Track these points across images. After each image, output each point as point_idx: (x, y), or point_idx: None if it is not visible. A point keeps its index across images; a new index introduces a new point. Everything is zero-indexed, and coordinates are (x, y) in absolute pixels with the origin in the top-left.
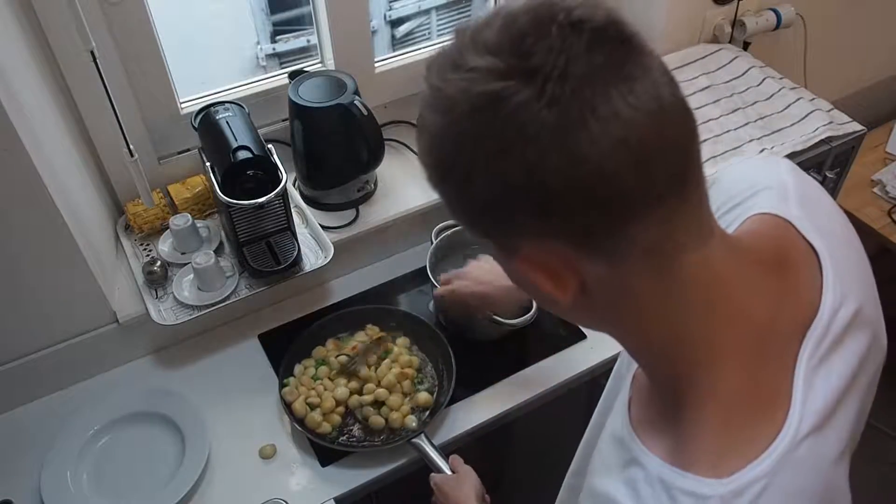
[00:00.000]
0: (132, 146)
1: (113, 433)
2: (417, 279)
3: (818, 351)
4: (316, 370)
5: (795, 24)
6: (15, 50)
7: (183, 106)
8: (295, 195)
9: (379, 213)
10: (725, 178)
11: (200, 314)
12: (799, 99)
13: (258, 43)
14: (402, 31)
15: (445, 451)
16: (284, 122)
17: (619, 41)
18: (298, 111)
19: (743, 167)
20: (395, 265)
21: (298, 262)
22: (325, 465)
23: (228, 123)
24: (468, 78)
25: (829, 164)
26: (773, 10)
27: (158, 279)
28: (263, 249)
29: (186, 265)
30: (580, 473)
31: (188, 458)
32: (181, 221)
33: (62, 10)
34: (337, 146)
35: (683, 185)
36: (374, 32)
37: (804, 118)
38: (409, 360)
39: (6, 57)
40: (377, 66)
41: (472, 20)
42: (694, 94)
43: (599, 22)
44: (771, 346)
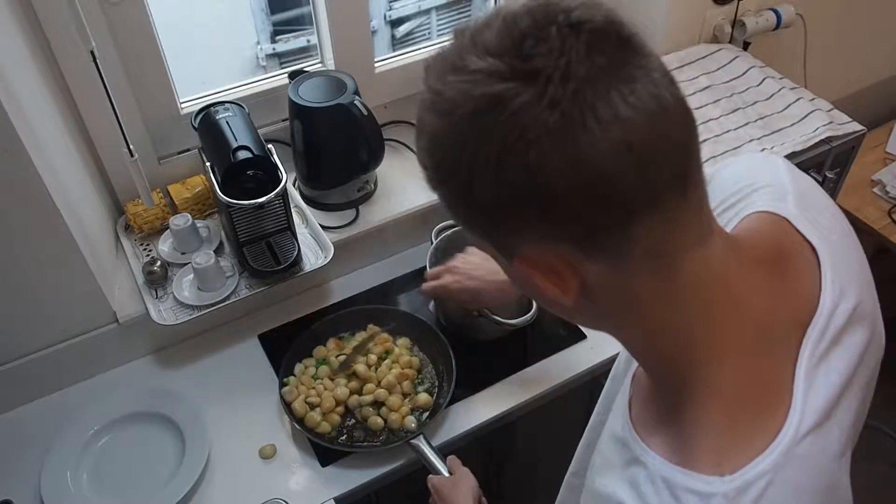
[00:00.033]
0: (132, 146)
1: (113, 433)
2: (417, 279)
3: (819, 347)
4: (316, 369)
5: (795, 24)
6: (15, 50)
7: (183, 106)
8: (295, 195)
9: (379, 213)
10: (722, 176)
11: (200, 314)
12: (799, 99)
13: (258, 43)
14: (402, 31)
15: (446, 450)
16: (284, 122)
17: (618, 42)
18: (298, 111)
19: (739, 165)
20: (395, 265)
21: (298, 262)
22: (325, 465)
23: (228, 123)
24: (469, 80)
25: (829, 164)
26: (773, 10)
27: (158, 279)
28: (263, 249)
29: (186, 265)
30: (580, 474)
31: (188, 458)
32: (181, 221)
33: (62, 10)
34: (337, 146)
35: (684, 185)
36: (374, 32)
37: (804, 118)
38: (409, 360)
39: (6, 57)
40: (377, 66)
41: (471, 21)
42: (694, 94)
43: (598, 23)
44: (771, 343)
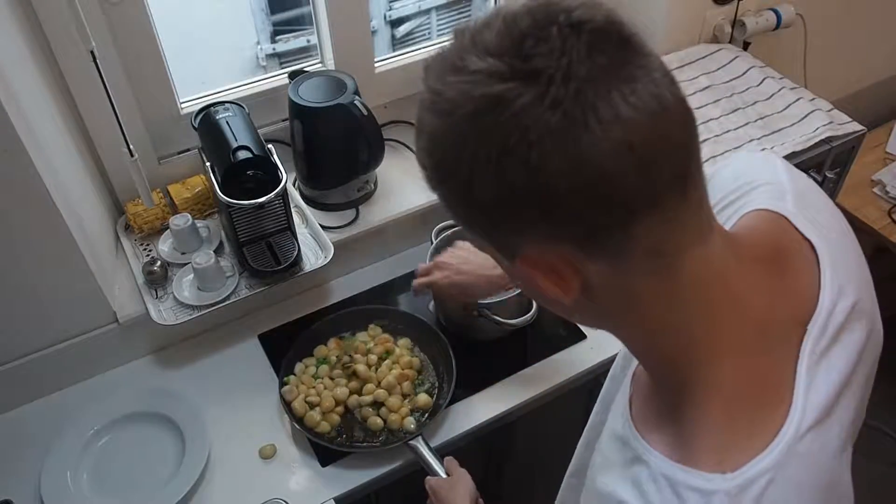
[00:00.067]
0: (132, 146)
1: (113, 433)
2: None
3: (819, 345)
4: (317, 369)
5: (795, 24)
6: (15, 50)
7: (183, 106)
8: (295, 195)
9: (379, 213)
10: (722, 173)
11: (200, 314)
12: (799, 99)
13: (258, 43)
14: (402, 31)
15: (446, 450)
16: (284, 122)
17: (619, 42)
18: (298, 111)
19: (740, 163)
20: (394, 265)
21: (298, 262)
22: (325, 465)
23: (228, 123)
24: (469, 80)
25: (829, 164)
26: (773, 10)
27: (158, 279)
28: (263, 249)
29: (186, 265)
30: (579, 473)
31: (188, 458)
32: (181, 221)
33: (62, 10)
34: (337, 146)
35: (685, 184)
36: (374, 32)
37: (804, 118)
38: (410, 361)
39: (6, 57)
40: (377, 66)
41: (470, 22)
42: (694, 94)
43: (599, 23)
44: (771, 341)
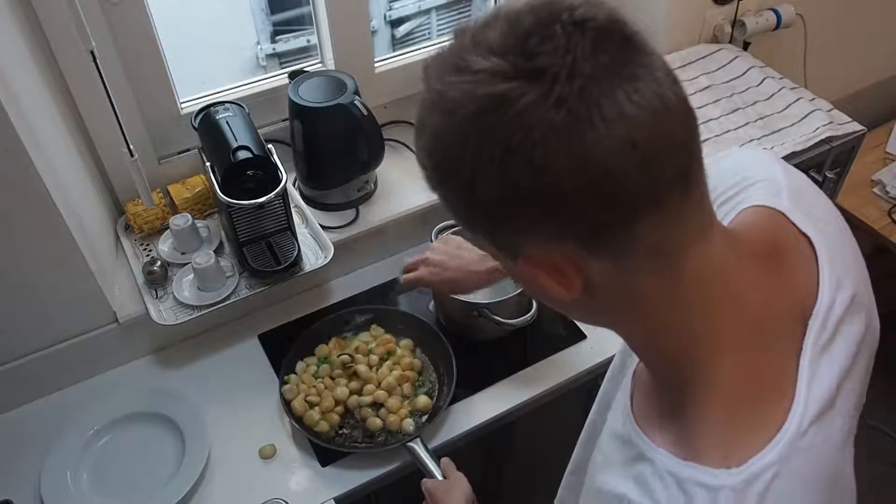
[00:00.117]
0: (132, 146)
1: (113, 433)
2: None
3: (821, 338)
4: (318, 368)
5: (795, 24)
6: (15, 50)
7: (183, 106)
8: (295, 195)
9: (379, 213)
10: (719, 168)
11: (200, 314)
12: (799, 99)
13: (258, 43)
14: (402, 31)
15: (446, 450)
16: (284, 122)
17: (622, 40)
18: (298, 111)
19: (738, 158)
20: (394, 265)
21: (298, 262)
22: (325, 465)
23: (228, 123)
24: (473, 80)
25: (829, 164)
26: (773, 10)
27: (158, 279)
28: (263, 249)
29: (186, 265)
30: (578, 472)
31: (188, 458)
32: (181, 221)
33: (62, 10)
34: (337, 146)
35: (686, 183)
36: (374, 32)
37: (804, 118)
38: (411, 362)
39: (6, 57)
40: (377, 66)
41: (470, 21)
42: (694, 94)
43: (602, 21)
44: (771, 336)
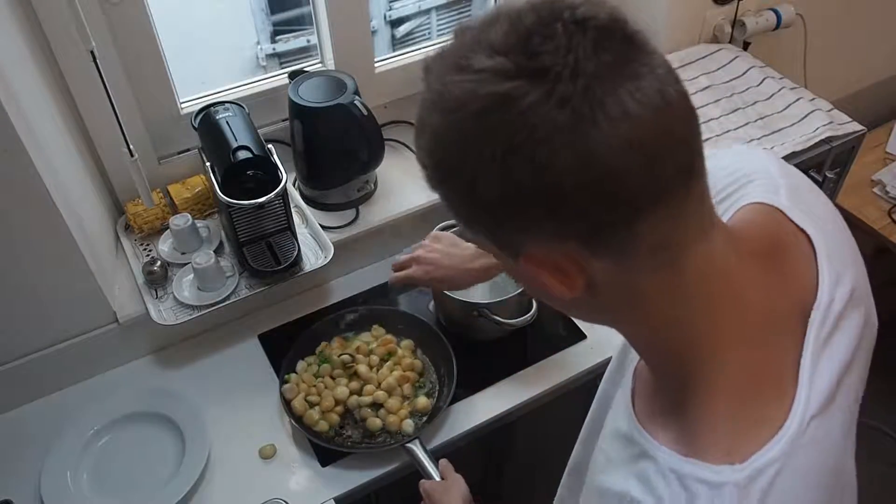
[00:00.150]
0: (132, 146)
1: (113, 433)
2: None
3: (822, 334)
4: (319, 367)
5: (795, 24)
6: (15, 50)
7: (183, 106)
8: (295, 195)
9: (379, 213)
10: (717, 166)
11: (200, 314)
12: (799, 99)
13: (258, 43)
14: (402, 31)
15: (446, 450)
16: (284, 122)
17: (623, 39)
18: (298, 111)
19: (728, 159)
20: None
21: (298, 262)
22: (325, 465)
23: (228, 123)
24: (475, 79)
25: (829, 164)
26: (773, 10)
27: (158, 279)
28: (263, 249)
29: (186, 265)
30: (577, 471)
31: (188, 458)
32: (181, 221)
33: (62, 10)
34: (337, 146)
35: (688, 179)
36: (374, 32)
37: (804, 118)
38: (411, 363)
39: (6, 57)
40: (377, 66)
41: (471, 20)
42: (694, 94)
43: (603, 20)
44: (771, 332)
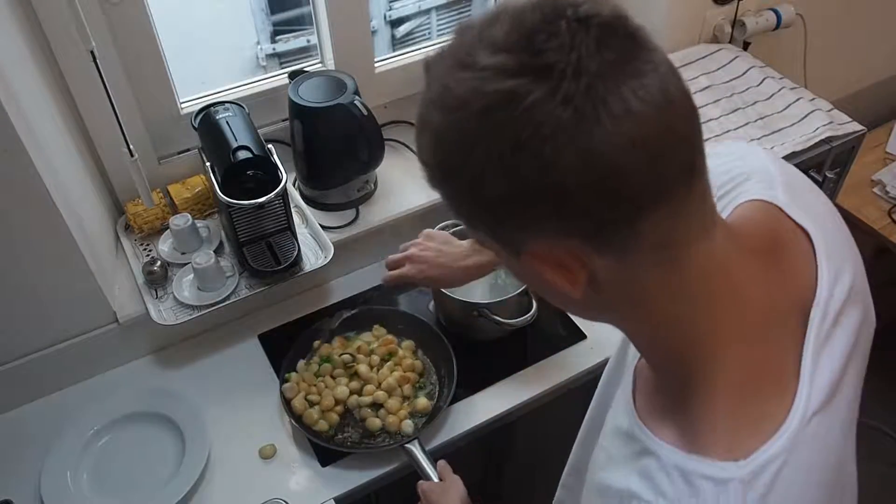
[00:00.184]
0: (132, 146)
1: (113, 433)
2: None
3: (822, 330)
4: (319, 367)
5: (795, 24)
6: (15, 50)
7: (183, 106)
8: (295, 195)
9: (379, 213)
10: (715, 163)
11: (200, 314)
12: (799, 99)
13: (258, 43)
14: (402, 31)
15: (446, 450)
16: (284, 122)
17: (626, 36)
18: (298, 111)
19: (726, 157)
20: None
21: (298, 262)
22: (325, 465)
23: (228, 123)
24: (479, 76)
25: (829, 164)
26: (773, 10)
27: (158, 279)
28: (263, 249)
29: (186, 265)
30: (576, 471)
31: (188, 458)
32: (181, 221)
33: (62, 10)
34: (337, 146)
35: (690, 178)
36: (374, 32)
37: (804, 118)
38: (412, 364)
39: (6, 57)
40: (377, 66)
41: (473, 18)
42: (694, 93)
43: (606, 17)
44: (772, 329)
